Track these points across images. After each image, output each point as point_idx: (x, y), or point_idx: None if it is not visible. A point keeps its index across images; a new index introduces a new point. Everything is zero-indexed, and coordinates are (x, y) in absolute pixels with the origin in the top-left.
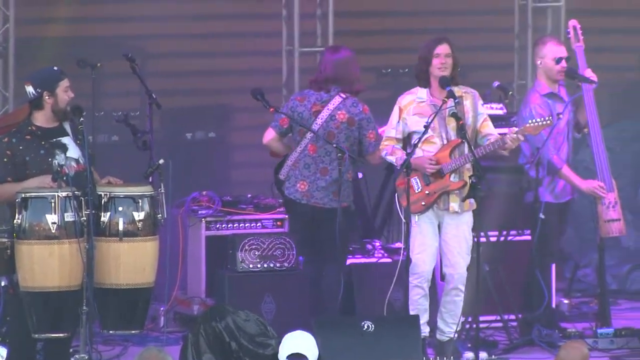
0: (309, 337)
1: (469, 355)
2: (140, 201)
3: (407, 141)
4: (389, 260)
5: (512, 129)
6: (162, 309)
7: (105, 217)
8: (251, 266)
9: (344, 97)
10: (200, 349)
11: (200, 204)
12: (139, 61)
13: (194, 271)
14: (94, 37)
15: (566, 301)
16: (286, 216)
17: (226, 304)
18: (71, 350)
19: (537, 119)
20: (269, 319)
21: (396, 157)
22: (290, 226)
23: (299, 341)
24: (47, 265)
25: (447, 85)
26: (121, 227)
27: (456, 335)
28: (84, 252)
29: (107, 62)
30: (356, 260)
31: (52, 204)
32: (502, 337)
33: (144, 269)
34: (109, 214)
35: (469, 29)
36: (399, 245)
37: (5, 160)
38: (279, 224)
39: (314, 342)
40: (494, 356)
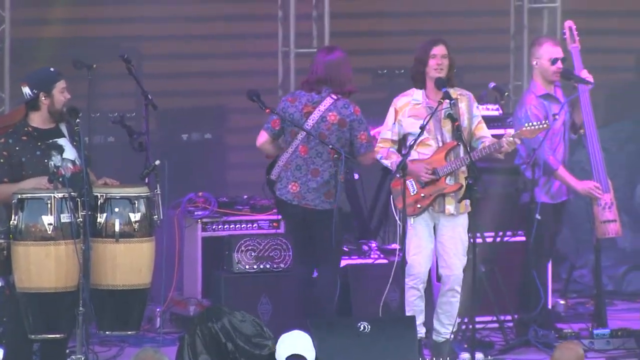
0: (306, 338)
1: (465, 356)
2: (136, 202)
3: (402, 143)
4: (385, 261)
5: (508, 133)
6: (158, 309)
7: (101, 218)
8: (247, 267)
9: (335, 98)
10: (196, 350)
11: (196, 205)
12: (134, 62)
13: (190, 272)
14: (89, 38)
15: (562, 302)
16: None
17: (222, 305)
18: (67, 351)
19: (534, 123)
20: (265, 320)
21: (391, 161)
22: (285, 227)
23: (298, 341)
24: (44, 266)
25: (443, 86)
26: (117, 228)
27: (452, 336)
28: (80, 253)
29: (103, 63)
30: (352, 261)
31: (49, 205)
32: (498, 337)
33: (140, 270)
34: (105, 215)
35: (464, 30)
36: (395, 246)
37: (1, 161)
38: (275, 225)
39: (311, 343)
40: (490, 357)
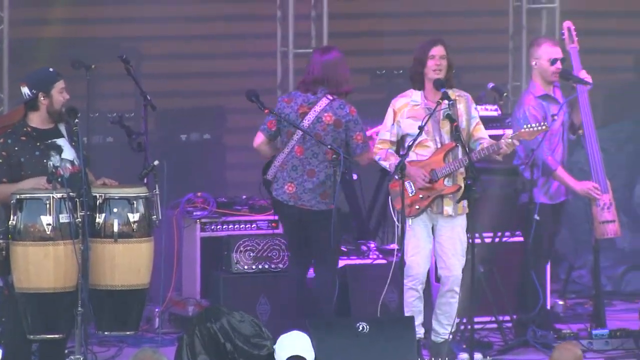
0: (305, 338)
1: (464, 356)
2: (135, 202)
3: (400, 144)
4: (384, 261)
5: (507, 134)
6: (157, 310)
7: (100, 219)
8: (246, 267)
9: (331, 99)
10: (195, 350)
11: (195, 205)
12: (133, 63)
13: (188, 272)
14: (88, 39)
15: (561, 302)
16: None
17: (221, 305)
18: (66, 351)
19: (533, 124)
20: (263, 320)
21: (390, 162)
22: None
23: (297, 342)
24: (42, 266)
25: (442, 86)
26: (116, 228)
27: (451, 336)
28: (79, 253)
29: (102, 64)
30: (351, 261)
31: (47, 206)
32: (497, 338)
33: (138, 270)
34: (103, 215)
35: (463, 30)
36: (394, 246)
37: (0, 161)
38: (273, 225)
39: (310, 343)
40: (488, 357)
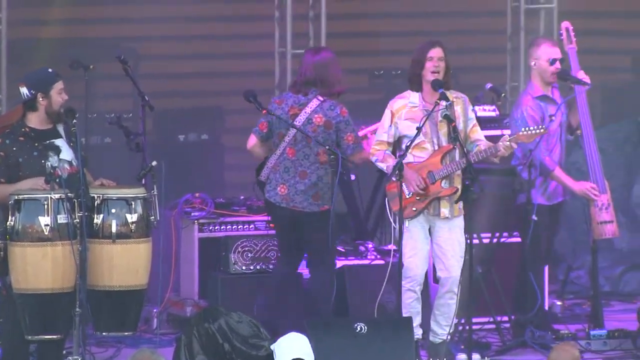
0: (305, 341)
1: (462, 357)
2: (133, 203)
3: (397, 145)
4: (382, 262)
5: (505, 137)
6: (155, 310)
7: (98, 219)
8: (244, 268)
9: (321, 99)
10: (193, 351)
11: (193, 206)
12: (131, 63)
13: (186, 273)
14: (86, 39)
15: (559, 303)
16: None
17: (219, 306)
18: (64, 352)
19: (531, 127)
20: (261, 321)
21: (387, 164)
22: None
23: (297, 344)
24: (40, 267)
25: (440, 87)
26: (114, 229)
27: (449, 337)
28: (77, 254)
29: (100, 64)
30: (349, 262)
31: (45, 206)
32: (495, 338)
33: (137, 270)
34: (102, 216)
35: (461, 30)
36: (392, 247)
37: None
38: (271, 226)
39: (309, 346)
40: (486, 358)
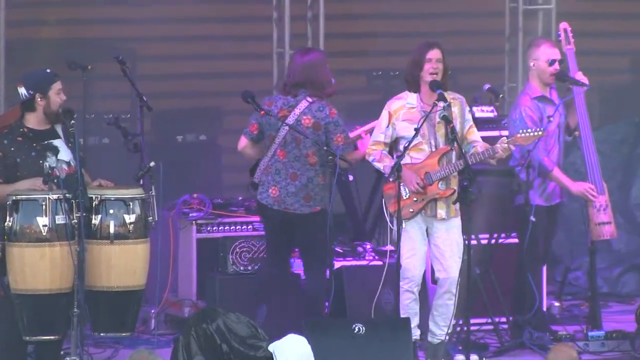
0: (305, 342)
1: (460, 357)
2: (131, 204)
3: (393, 146)
4: (380, 262)
5: (503, 139)
6: (153, 311)
7: (96, 220)
8: (242, 268)
9: (310, 101)
10: (191, 351)
11: (191, 206)
12: (129, 63)
13: (184, 274)
14: (84, 39)
15: (557, 304)
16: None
17: (217, 306)
18: (62, 352)
19: (529, 130)
20: (259, 322)
21: (384, 164)
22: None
23: (297, 346)
24: (38, 267)
25: (438, 88)
26: (112, 229)
27: (447, 337)
28: (75, 254)
29: (98, 65)
30: (347, 262)
31: (43, 207)
32: (493, 339)
33: (134, 271)
34: (100, 216)
35: (459, 31)
36: (389, 248)
37: None
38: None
39: (309, 348)
40: (485, 359)
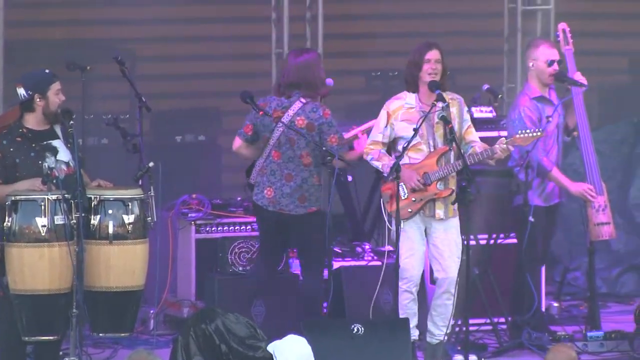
0: (304, 342)
1: (459, 358)
2: (130, 204)
3: (391, 146)
4: (379, 263)
5: (502, 140)
6: (152, 311)
7: (95, 220)
8: (241, 269)
9: (304, 102)
10: (190, 352)
11: (190, 207)
12: (128, 64)
13: (183, 274)
14: (83, 40)
15: (556, 304)
16: None
17: (216, 307)
18: (61, 352)
19: (528, 130)
20: (258, 322)
21: (382, 163)
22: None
23: (297, 346)
24: (37, 268)
25: (437, 88)
26: (111, 230)
27: (446, 338)
28: (74, 255)
29: (97, 65)
30: (346, 263)
31: (42, 207)
32: (492, 340)
33: (133, 271)
34: (98, 217)
35: (458, 32)
36: (389, 248)
37: None
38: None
39: (309, 347)
40: (483, 359)
